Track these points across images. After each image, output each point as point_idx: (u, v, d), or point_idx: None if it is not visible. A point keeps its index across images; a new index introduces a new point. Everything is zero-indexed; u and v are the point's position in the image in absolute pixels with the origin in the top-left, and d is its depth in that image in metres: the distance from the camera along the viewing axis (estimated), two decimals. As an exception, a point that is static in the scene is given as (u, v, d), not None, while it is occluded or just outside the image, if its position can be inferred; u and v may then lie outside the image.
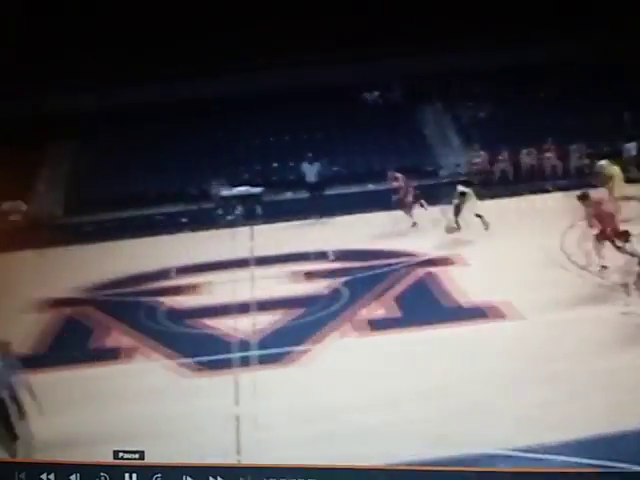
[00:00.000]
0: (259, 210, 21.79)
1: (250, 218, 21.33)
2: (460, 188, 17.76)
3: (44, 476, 8.89)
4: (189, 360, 12.73)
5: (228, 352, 12.92)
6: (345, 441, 9.97)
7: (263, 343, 13.13)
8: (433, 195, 19.59)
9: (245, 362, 12.55)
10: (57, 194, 23.36)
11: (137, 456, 9.08)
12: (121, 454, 9.10)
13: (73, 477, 8.89)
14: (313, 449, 9.92)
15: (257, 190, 22.31)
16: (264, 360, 12.52)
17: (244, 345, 13.13)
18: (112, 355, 13.35)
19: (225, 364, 12.52)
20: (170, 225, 21.34)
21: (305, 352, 12.58)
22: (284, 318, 14.07)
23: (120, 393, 11.88)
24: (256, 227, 20.49)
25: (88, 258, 18.90)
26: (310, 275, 16.07)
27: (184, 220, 21.77)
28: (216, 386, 11.98)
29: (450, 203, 17.77)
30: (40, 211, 22.49)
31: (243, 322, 14.02)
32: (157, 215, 22.37)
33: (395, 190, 19.37)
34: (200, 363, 12.62)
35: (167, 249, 19.13)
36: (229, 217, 21.63)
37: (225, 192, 22.50)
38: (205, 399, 11.53)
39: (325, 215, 20.79)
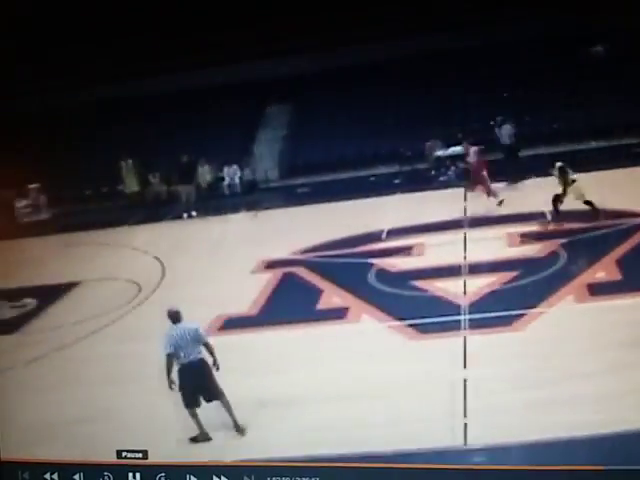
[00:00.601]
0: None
1: (464, 179, 21.18)
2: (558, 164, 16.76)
3: (47, 475, 9.26)
4: (404, 323, 12.99)
5: (442, 315, 13.06)
6: (563, 409, 9.92)
7: (477, 306, 13.17)
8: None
9: (459, 326, 12.67)
10: (273, 157, 24.14)
11: (140, 455, 9.28)
12: (124, 453, 9.35)
13: (77, 477, 9.21)
14: (523, 418, 9.95)
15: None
16: (478, 324, 12.58)
17: (458, 308, 13.23)
18: (326, 316, 13.84)
19: (440, 327, 12.69)
20: (383, 186, 21.55)
21: (521, 316, 12.50)
22: (500, 281, 13.99)
23: (337, 354, 12.34)
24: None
25: (303, 220, 19.55)
26: (526, 237, 15.89)
27: (397, 181, 21.95)
28: (430, 349, 12.17)
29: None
30: (256, 174, 23.38)
31: (457, 285, 14.10)
32: (370, 176, 22.66)
33: (467, 163, 19.08)
34: (414, 326, 12.85)
35: (381, 210, 19.38)
36: (442, 177, 21.62)
37: (440, 152, 22.51)
38: (420, 362, 11.76)
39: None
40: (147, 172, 22.01)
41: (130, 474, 9.22)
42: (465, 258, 15.12)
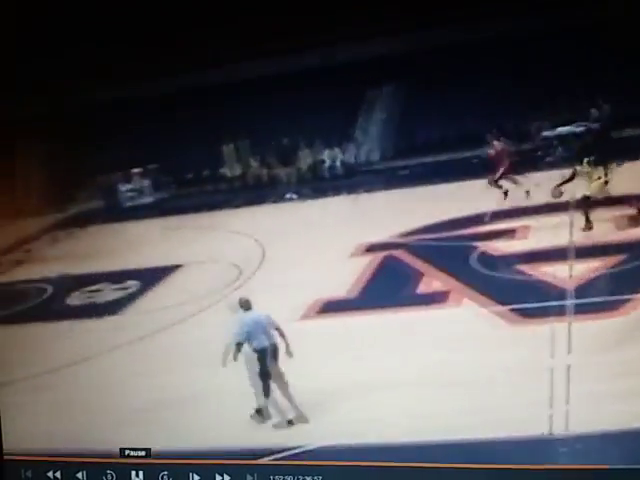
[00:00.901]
0: (578, 150, 21.17)
1: (571, 159, 20.78)
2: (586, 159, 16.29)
3: (50, 474, 9.32)
4: (506, 307, 12.91)
5: (546, 300, 12.90)
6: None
7: (582, 291, 12.96)
8: None
9: (563, 311, 12.51)
10: (374, 139, 24.12)
11: (144, 453, 9.26)
12: (127, 451, 9.34)
13: (79, 475, 9.25)
14: (626, 406, 9.82)
15: (580, 129, 21.68)
16: (582, 309, 12.40)
17: (562, 292, 13.05)
18: (427, 300, 13.84)
19: (543, 312, 12.55)
20: (486, 168, 21.30)
21: (628, 301, 12.28)
22: (605, 265, 13.69)
23: (437, 338, 12.36)
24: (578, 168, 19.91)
25: (404, 202, 19.46)
26: (634, 219, 15.49)
27: (502, 162, 21.64)
28: (533, 335, 12.08)
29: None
30: (357, 157, 23.40)
31: (561, 269, 13.87)
32: (473, 158, 22.42)
33: (490, 157, 18.76)
34: (518, 311, 12.76)
35: (483, 193, 19.17)
36: (549, 158, 21.26)
37: (547, 132, 22.14)
38: (522, 348, 11.69)
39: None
40: (248, 155, 22.25)
41: (133, 472, 9.38)
42: (571, 241, 14.88)
